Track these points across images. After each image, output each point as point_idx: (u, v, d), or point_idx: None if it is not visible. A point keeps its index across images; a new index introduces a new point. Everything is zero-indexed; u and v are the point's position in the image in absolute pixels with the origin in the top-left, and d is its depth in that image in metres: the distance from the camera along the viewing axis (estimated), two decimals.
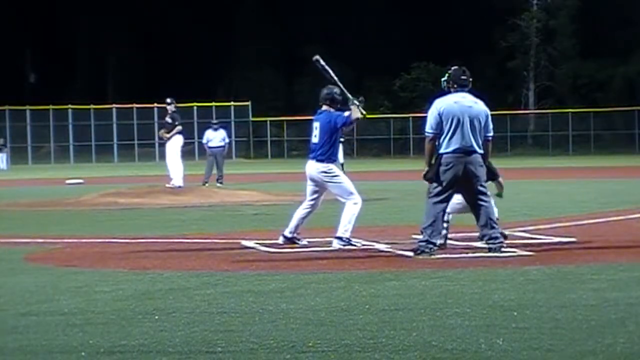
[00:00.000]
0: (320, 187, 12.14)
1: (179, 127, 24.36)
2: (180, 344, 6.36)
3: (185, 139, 24.95)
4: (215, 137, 29.63)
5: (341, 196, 12.05)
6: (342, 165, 41.12)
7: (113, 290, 8.76)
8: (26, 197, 25.57)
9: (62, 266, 10.73)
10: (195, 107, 65.94)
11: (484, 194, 10.94)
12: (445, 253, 11.02)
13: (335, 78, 12.23)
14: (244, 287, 8.79)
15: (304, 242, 12.12)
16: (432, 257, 10.62)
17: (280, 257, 11.17)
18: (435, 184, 10.92)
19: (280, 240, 12.11)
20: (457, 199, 11.27)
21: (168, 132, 24.39)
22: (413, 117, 68.91)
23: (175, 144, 24.30)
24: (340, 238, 11.77)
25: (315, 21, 77.52)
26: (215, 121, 31.56)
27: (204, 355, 6.10)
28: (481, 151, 10.94)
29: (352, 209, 11.91)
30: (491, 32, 70.68)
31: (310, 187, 12.22)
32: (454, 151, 10.83)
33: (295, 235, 12.14)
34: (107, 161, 64.65)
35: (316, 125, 12.18)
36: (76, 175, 37.82)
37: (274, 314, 7.37)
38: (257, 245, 12.20)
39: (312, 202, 12.22)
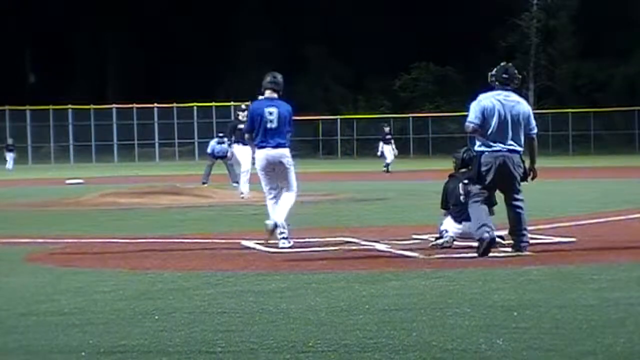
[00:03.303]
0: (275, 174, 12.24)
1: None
2: (180, 344, 6.36)
3: (184, 139, 24.98)
4: (220, 150, 30.09)
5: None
6: (387, 165, 41.92)
7: (113, 290, 8.76)
8: (26, 197, 25.57)
9: (62, 266, 10.73)
10: (195, 107, 66.00)
11: (520, 199, 10.92)
12: (446, 253, 11.02)
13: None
14: (244, 287, 8.79)
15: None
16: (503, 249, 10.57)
17: (280, 257, 11.16)
18: (476, 186, 10.90)
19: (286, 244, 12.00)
20: (456, 227, 11.39)
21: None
22: (413, 117, 69.03)
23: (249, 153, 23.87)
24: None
25: (315, 21, 77.53)
26: (221, 134, 31.70)
27: (204, 355, 6.10)
28: (521, 150, 10.94)
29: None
30: (491, 32, 70.69)
31: (269, 176, 12.28)
32: (494, 151, 10.83)
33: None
34: (107, 161, 64.66)
35: (272, 110, 12.18)
36: (76, 175, 37.83)
37: (274, 314, 7.37)
38: (257, 245, 12.20)
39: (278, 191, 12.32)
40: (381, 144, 42.68)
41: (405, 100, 74.86)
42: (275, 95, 12.38)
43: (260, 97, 12.48)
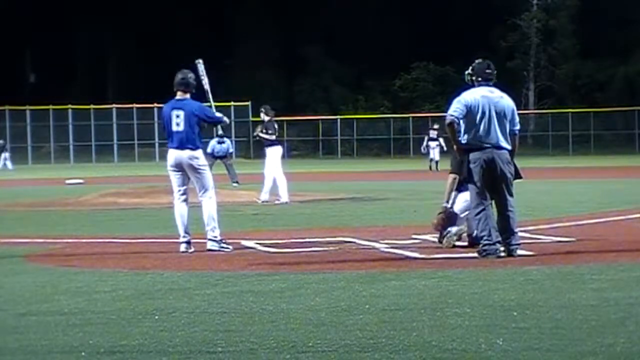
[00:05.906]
0: (186, 176, 12.03)
1: (272, 137, 21.94)
2: (180, 344, 6.36)
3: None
4: (220, 150, 30.12)
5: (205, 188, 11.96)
6: (436, 163, 43.08)
7: (113, 290, 8.76)
8: (26, 197, 25.57)
9: (62, 266, 10.73)
10: None
11: (513, 206, 10.77)
12: (446, 253, 11.02)
13: (208, 88, 12.91)
14: (244, 287, 8.79)
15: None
16: (500, 257, 10.47)
17: (280, 257, 11.17)
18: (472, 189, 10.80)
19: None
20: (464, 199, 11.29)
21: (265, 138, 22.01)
22: (413, 117, 68.99)
23: (274, 156, 21.77)
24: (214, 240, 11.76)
25: (315, 21, 77.53)
26: (220, 133, 31.64)
27: (204, 355, 6.10)
28: (509, 147, 10.81)
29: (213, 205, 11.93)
30: (491, 32, 70.74)
31: (178, 176, 12.07)
32: (481, 147, 10.67)
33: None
34: (107, 161, 64.65)
35: (178, 113, 11.98)
36: (76, 175, 37.82)
37: (274, 314, 7.37)
38: (257, 245, 12.21)
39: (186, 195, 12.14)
40: (425, 139, 43.83)
41: (405, 100, 74.86)
42: (187, 96, 12.10)
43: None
